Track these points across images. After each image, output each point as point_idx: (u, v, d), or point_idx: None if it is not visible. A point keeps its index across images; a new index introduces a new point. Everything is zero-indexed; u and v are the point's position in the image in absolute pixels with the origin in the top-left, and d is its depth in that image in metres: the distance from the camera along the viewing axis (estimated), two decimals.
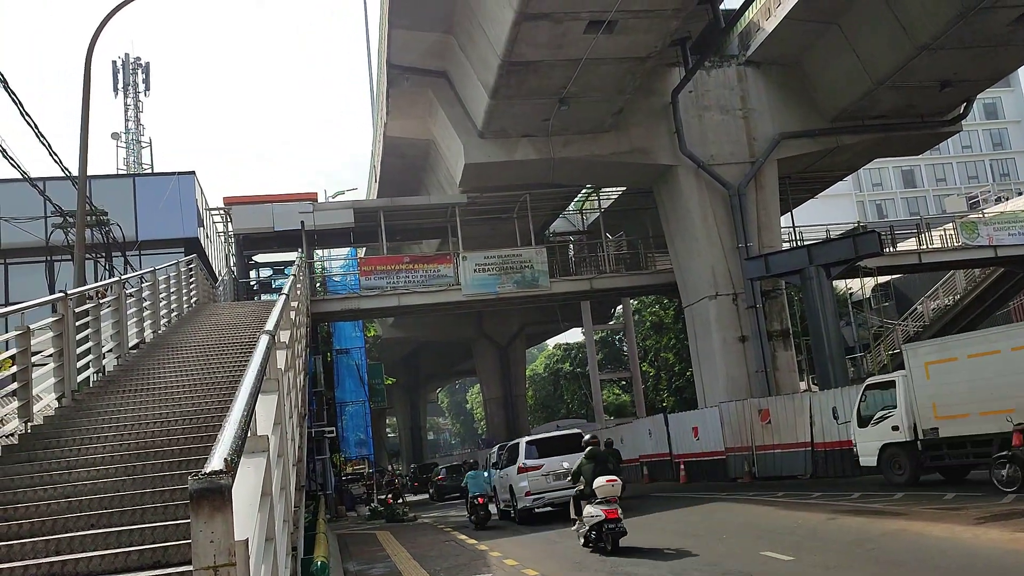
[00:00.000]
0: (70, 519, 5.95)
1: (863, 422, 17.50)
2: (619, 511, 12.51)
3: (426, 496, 40.67)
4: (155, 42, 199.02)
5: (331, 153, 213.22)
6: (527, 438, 21.12)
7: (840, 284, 37.51)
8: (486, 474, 21.95)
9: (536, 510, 18.79)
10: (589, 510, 12.79)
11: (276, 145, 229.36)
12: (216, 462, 2.70)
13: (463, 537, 17.79)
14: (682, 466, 24.94)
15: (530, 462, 19.18)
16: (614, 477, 12.99)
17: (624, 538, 12.17)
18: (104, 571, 5.10)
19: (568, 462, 17.64)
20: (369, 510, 28.43)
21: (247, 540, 2.77)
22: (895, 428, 16.57)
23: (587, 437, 15.11)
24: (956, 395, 15.40)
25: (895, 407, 16.69)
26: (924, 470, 16.30)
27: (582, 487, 13.47)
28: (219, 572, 2.54)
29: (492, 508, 20.71)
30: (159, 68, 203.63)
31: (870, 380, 18.83)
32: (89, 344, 10.57)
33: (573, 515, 13.92)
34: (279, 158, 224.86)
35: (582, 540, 12.97)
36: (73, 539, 5.53)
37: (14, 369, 8.47)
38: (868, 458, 17.26)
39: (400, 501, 28.00)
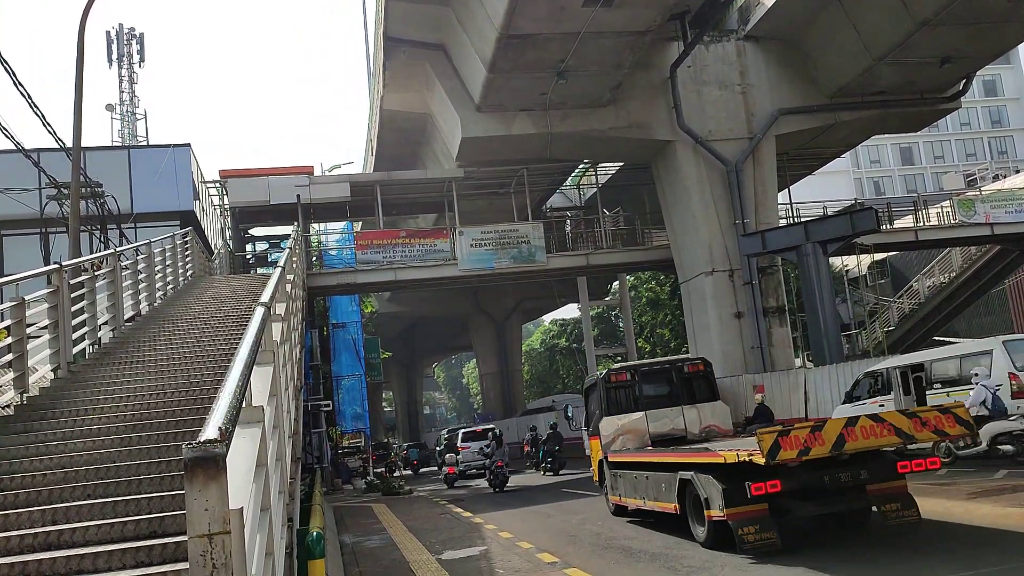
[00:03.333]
0: (66, 490, 5.97)
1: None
2: (456, 469, 27.77)
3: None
4: (150, 39, 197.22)
5: (327, 148, 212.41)
6: (463, 429, 35.09)
7: (836, 261, 37.53)
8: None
9: (466, 472, 29.07)
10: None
11: (272, 139, 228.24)
12: (210, 431, 2.69)
13: (458, 510, 17.92)
14: None
15: (462, 444, 31.04)
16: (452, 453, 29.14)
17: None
18: (100, 541, 5.11)
19: (483, 445, 28.07)
20: (365, 483, 28.59)
21: (242, 509, 2.77)
22: None
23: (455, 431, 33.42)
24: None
25: None
26: None
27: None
28: (214, 540, 2.53)
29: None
30: (155, 63, 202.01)
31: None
32: (84, 316, 10.55)
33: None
34: (275, 152, 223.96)
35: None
36: (69, 509, 5.54)
37: (9, 340, 8.46)
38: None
39: (396, 474, 28.15)
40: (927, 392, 16.46)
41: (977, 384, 14.57)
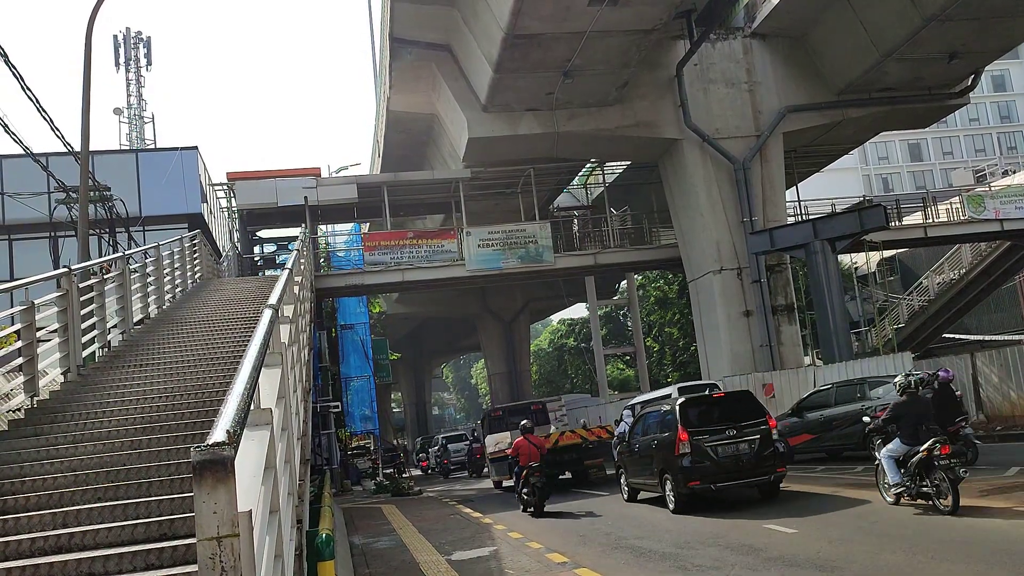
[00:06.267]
0: (76, 492, 5.99)
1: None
2: (427, 464, 40.75)
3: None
4: (157, 42, 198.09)
5: (334, 150, 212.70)
6: (444, 435, 43.26)
7: (845, 258, 37.42)
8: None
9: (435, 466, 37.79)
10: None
11: (279, 142, 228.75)
12: (219, 434, 2.69)
13: (468, 511, 17.93)
14: None
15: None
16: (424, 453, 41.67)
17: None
18: (110, 544, 5.13)
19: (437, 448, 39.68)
20: (374, 484, 28.62)
21: (250, 511, 2.77)
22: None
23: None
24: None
25: None
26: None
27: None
28: (223, 543, 2.54)
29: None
30: (162, 67, 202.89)
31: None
32: (94, 319, 10.59)
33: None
34: (282, 154, 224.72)
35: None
36: (79, 512, 5.56)
37: (19, 344, 8.50)
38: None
39: (405, 475, 28.18)
40: None
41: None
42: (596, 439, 20.37)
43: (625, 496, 16.21)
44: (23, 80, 14.72)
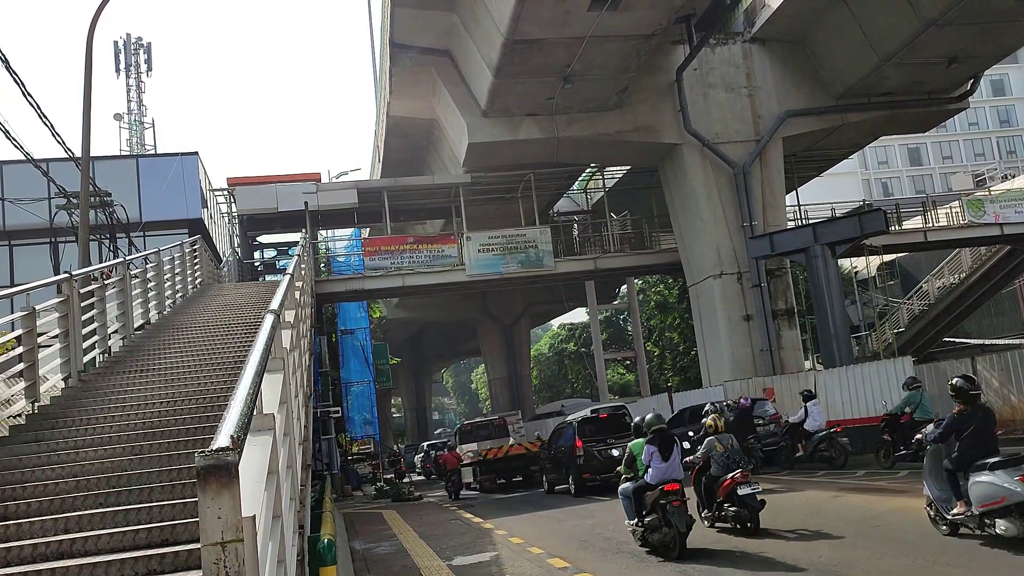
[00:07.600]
0: (77, 498, 5.99)
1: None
2: (405, 468, 32.77)
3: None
4: (157, 48, 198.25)
5: (334, 155, 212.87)
6: (427, 443, 45.69)
7: (845, 263, 37.41)
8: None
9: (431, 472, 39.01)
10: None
11: (279, 147, 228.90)
12: (223, 439, 2.69)
13: (468, 516, 17.91)
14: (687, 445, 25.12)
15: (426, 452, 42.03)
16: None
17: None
18: (112, 550, 5.13)
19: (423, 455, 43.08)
20: (375, 489, 28.57)
21: (254, 516, 2.77)
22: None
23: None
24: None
25: None
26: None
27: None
28: (227, 548, 2.53)
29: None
30: (162, 73, 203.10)
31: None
32: (94, 325, 10.59)
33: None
34: (282, 159, 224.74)
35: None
36: (81, 518, 5.56)
37: (20, 350, 8.50)
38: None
39: (405, 480, 28.15)
40: None
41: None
42: (538, 450, 24.30)
43: (545, 489, 21.87)
44: (24, 86, 14.73)
